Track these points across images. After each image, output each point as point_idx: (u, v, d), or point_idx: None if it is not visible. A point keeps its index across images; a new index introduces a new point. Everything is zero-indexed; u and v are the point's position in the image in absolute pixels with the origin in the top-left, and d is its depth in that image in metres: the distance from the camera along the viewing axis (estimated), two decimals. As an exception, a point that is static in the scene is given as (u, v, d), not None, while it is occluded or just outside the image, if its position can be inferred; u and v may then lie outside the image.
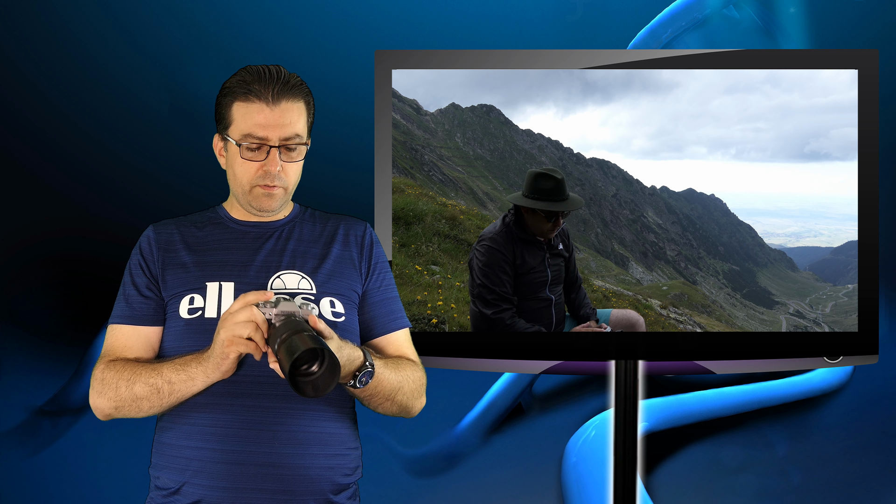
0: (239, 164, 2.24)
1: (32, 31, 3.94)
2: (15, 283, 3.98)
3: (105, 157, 3.97)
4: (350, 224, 2.36)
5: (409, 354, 2.33)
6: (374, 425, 3.69)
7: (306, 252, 2.28)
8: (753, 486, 3.93)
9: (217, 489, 2.13)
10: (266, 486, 2.13)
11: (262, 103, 2.21)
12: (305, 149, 2.28)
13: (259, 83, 2.22)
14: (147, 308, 2.24)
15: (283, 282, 2.23)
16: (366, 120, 3.03)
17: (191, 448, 2.15)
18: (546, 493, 3.92)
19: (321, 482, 2.17)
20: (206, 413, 2.15)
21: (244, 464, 2.13)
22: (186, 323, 2.20)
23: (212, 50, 3.91)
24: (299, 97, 2.26)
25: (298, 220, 2.34)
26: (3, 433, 3.93)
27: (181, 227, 2.31)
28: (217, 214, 2.34)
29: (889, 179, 3.27)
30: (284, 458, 2.14)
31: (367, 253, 2.33)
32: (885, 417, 3.97)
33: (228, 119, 2.25)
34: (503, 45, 3.85)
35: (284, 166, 2.23)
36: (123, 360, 2.20)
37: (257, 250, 2.27)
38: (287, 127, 2.22)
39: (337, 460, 2.20)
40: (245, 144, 2.22)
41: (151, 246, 2.28)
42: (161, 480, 2.18)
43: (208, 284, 2.22)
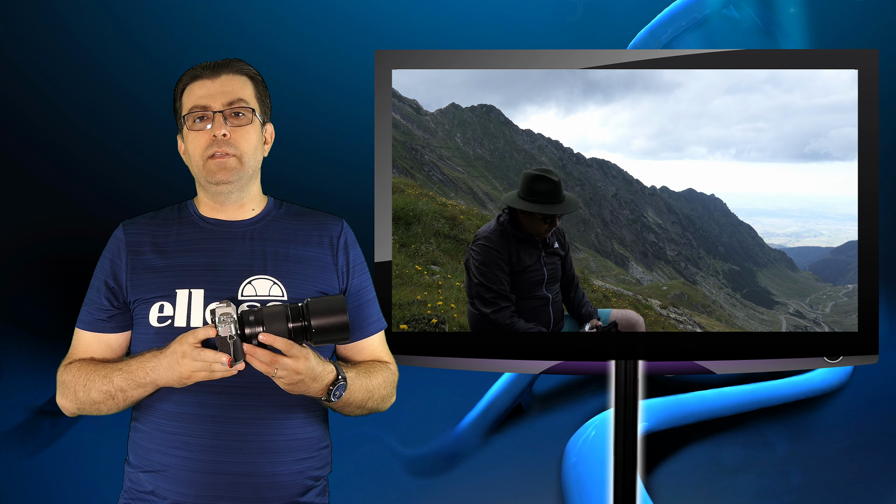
0: (190, 139, 2.24)
1: (32, 31, 3.94)
2: (15, 283, 3.98)
3: (105, 157, 3.97)
4: (326, 223, 2.33)
5: (382, 356, 2.34)
6: (374, 425, 3.69)
7: (278, 253, 2.26)
8: (753, 486, 3.93)
9: (189, 496, 2.16)
10: (238, 495, 2.15)
11: (204, 80, 2.25)
12: (257, 121, 2.26)
13: (202, 67, 2.27)
14: (108, 318, 2.25)
15: (255, 288, 2.21)
16: (366, 120, 3.03)
17: (163, 454, 2.17)
18: (546, 493, 3.92)
19: (291, 487, 2.20)
20: (176, 421, 2.17)
21: (216, 473, 2.15)
22: (156, 331, 2.20)
23: (212, 50, 3.91)
24: (241, 72, 2.28)
25: (270, 218, 2.31)
26: (3, 433, 3.93)
27: (151, 227, 2.29)
28: (187, 211, 2.31)
29: (889, 179, 3.27)
30: (256, 466, 2.16)
31: (342, 256, 2.31)
32: (885, 417, 3.97)
33: (179, 108, 2.28)
34: (503, 45, 3.85)
35: (233, 132, 2.22)
36: (80, 362, 2.22)
37: (228, 252, 2.24)
38: (229, 94, 2.24)
39: (307, 463, 2.22)
40: (191, 118, 2.23)
41: (120, 249, 2.26)
42: (136, 477, 2.20)
43: (178, 292, 2.21)
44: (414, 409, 3.87)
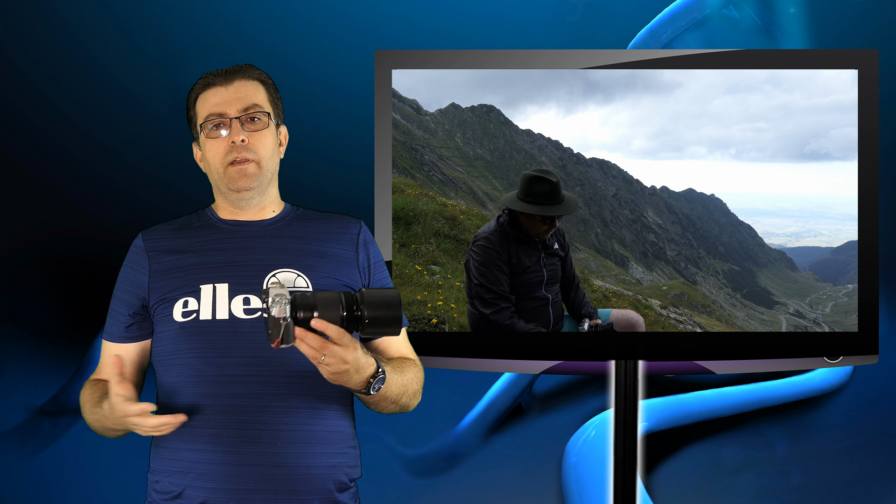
0: (208, 147, 2.25)
1: (32, 31, 3.94)
2: (15, 283, 3.98)
3: (105, 157, 3.97)
4: (344, 222, 2.34)
5: (408, 354, 2.33)
6: (374, 425, 3.69)
7: (300, 249, 2.26)
8: (753, 486, 3.93)
9: (221, 491, 2.12)
10: (270, 487, 2.13)
11: (218, 87, 2.26)
12: (273, 124, 2.28)
13: (214, 75, 2.27)
14: (134, 325, 2.25)
15: (279, 280, 2.22)
16: (366, 120, 3.03)
17: (191, 451, 2.14)
18: (546, 493, 3.91)
19: (325, 481, 2.17)
20: (205, 415, 2.14)
21: (247, 465, 2.12)
22: (181, 326, 2.19)
23: (212, 50, 3.91)
24: (253, 77, 2.29)
25: (290, 219, 2.32)
26: (3, 433, 3.93)
27: (169, 232, 2.29)
28: (206, 216, 2.33)
29: (889, 179, 3.27)
30: (288, 457, 2.13)
31: (363, 251, 2.32)
32: (885, 417, 3.96)
33: (195, 117, 2.28)
34: (503, 45, 3.85)
35: (250, 137, 2.23)
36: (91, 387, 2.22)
37: (250, 249, 2.25)
38: (243, 99, 2.24)
39: (339, 458, 2.20)
40: (208, 126, 2.23)
41: (140, 255, 2.27)
42: (161, 485, 2.18)
43: (202, 287, 2.20)
44: (414, 409, 3.87)
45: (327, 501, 2.17)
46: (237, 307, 2.19)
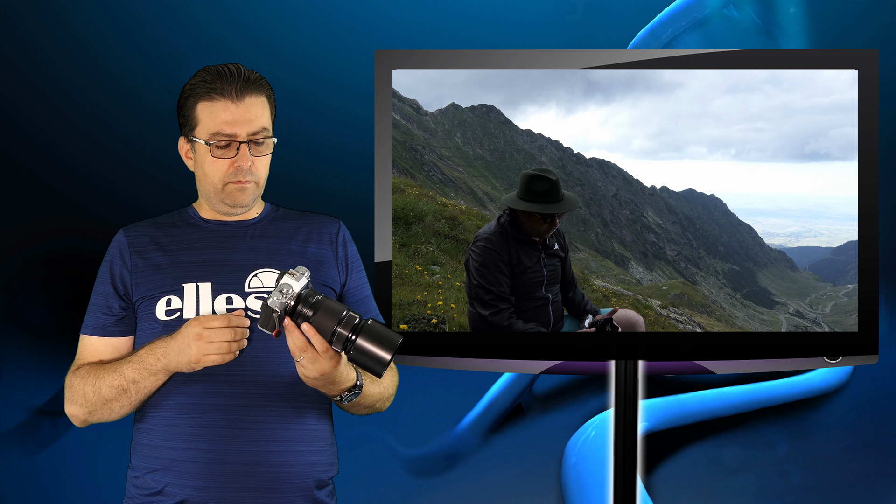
0: (209, 163, 2.24)
1: (32, 31, 3.94)
2: (15, 283, 3.98)
3: (105, 157, 3.97)
4: (324, 222, 2.36)
5: None
6: (374, 425, 3.69)
7: (281, 249, 2.28)
8: (753, 486, 3.93)
9: (202, 489, 2.14)
10: (251, 485, 2.14)
11: (227, 101, 2.22)
12: (273, 143, 2.28)
13: (221, 81, 2.22)
14: (114, 321, 2.25)
15: (261, 280, 2.23)
16: (366, 120, 3.03)
17: (173, 449, 2.15)
18: (546, 493, 3.92)
19: (305, 479, 2.19)
20: (187, 413, 2.16)
21: (229, 463, 2.14)
22: (164, 324, 2.20)
23: (212, 50, 3.91)
24: (261, 92, 2.27)
25: (270, 219, 2.34)
26: (3, 433, 3.93)
27: (152, 229, 2.30)
28: (188, 214, 2.33)
29: (889, 179, 3.27)
30: (269, 455, 2.15)
31: (342, 251, 2.34)
32: (885, 417, 3.97)
33: (194, 120, 2.25)
34: (503, 45, 3.85)
35: (255, 161, 2.24)
36: (88, 364, 2.21)
37: (232, 249, 2.26)
38: (254, 122, 2.23)
39: (319, 457, 2.22)
40: (214, 143, 2.22)
41: (122, 251, 2.27)
42: (142, 481, 2.19)
43: (185, 286, 2.22)
44: (414, 409, 3.87)
45: (307, 499, 2.19)
46: (220, 307, 2.20)
